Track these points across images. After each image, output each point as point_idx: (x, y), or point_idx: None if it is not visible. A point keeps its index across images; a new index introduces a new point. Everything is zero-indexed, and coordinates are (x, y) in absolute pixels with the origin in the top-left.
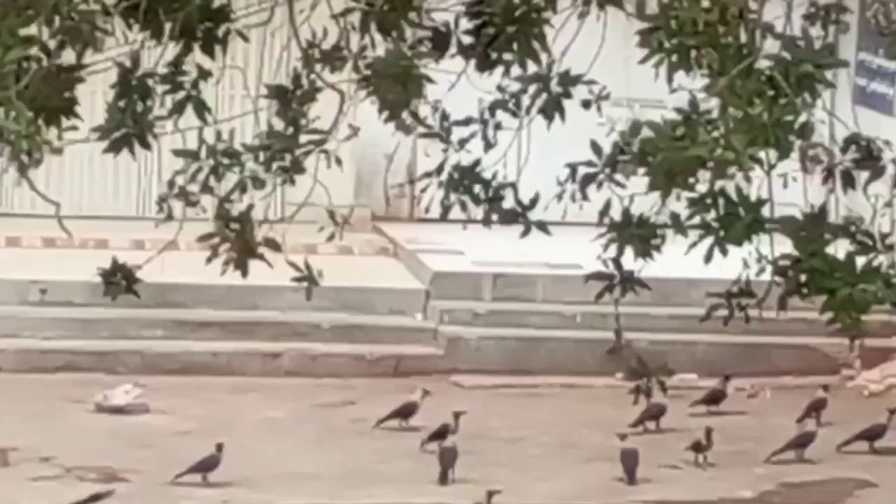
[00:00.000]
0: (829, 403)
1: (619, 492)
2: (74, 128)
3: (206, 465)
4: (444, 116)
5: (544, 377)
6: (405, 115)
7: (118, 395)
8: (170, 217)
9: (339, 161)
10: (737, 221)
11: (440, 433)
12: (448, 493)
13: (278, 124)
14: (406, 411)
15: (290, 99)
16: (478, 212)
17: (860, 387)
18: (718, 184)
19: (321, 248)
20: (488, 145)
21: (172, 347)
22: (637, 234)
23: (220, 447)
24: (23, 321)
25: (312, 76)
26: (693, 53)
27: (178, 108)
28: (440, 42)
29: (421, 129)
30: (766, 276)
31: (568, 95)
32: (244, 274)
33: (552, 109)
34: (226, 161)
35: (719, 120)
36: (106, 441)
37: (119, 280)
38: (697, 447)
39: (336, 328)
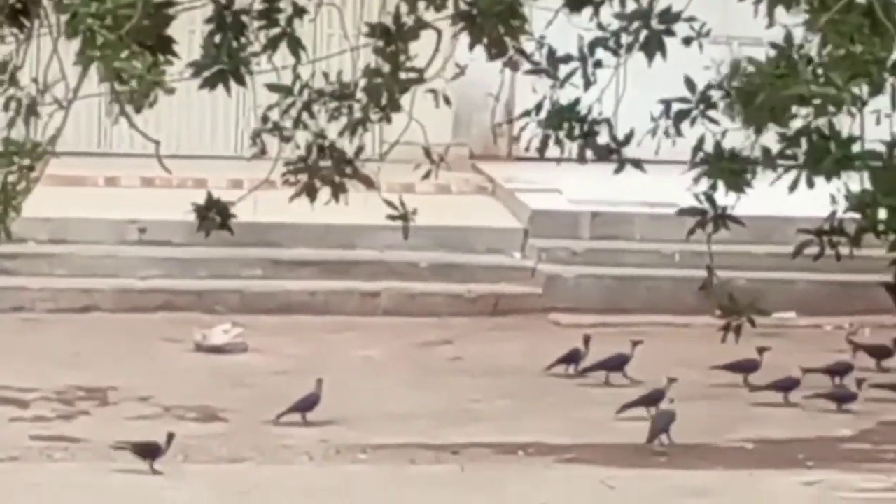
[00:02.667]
0: None
1: (716, 431)
2: (169, 63)
3: (307, 404)
4: (551, 52)
5: (642, 316)
6: (511, 51)
7: (217, 335)
8: (263, 152)
9: (447, 100)
10: (827, 156)
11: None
12: (543, 431)
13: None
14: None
15: (392, 37)
16: (573, 148)
17: None
18: (811, 120)
19: (419, 186)
20: (588, 83)
21: (270, 287)
22: (728, 167)
23: (319, 383)
24: (121, 261)
25: (414, 14)
26: None
27: (272, 44)
28: None
29: (526, 66)
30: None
31: (670, 33)
32: (336, 200)
33: (654, 46)
34: (315, 97)
35: (817, 56)
36: (204, 380)
37: (213, 216)
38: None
39: (434, 267)
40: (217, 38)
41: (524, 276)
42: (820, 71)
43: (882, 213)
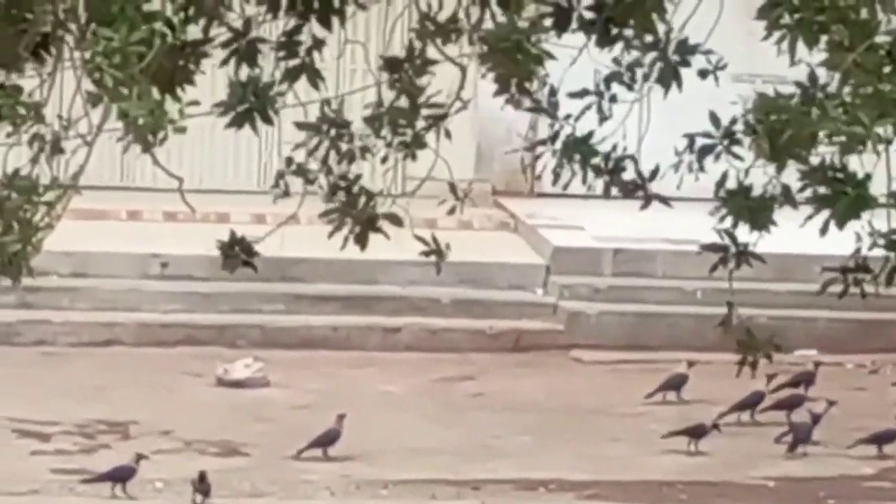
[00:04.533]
0: None
1: (738, 466)
2: (196, 103)
3: (328, 439)
4: (552, 91)
5: (664, 353)
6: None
7: (238, 369)
8: (286, 194)
9: (448, 134)
10: (842, 197)
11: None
12: (564, 468)
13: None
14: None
15: (405, 71)
16: (597, 184)
17: None
18: (829, 157)
19: (441, 222)
20: (603, 118)
21: (292, 322)
22: (747, 205)
23: (341, 418)
24: (143, 295)
25: (425, 48)
26: (815, 28)
27: (291, 75)
28: (561, 17)
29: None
30: (882, 251)
31: (686, 64)
32: (363, 248)
33: (669, 78)
34: (343, 132)
35: (840, 94)
36: (226, 415)
37: (237, 253)
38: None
39: (456, 303)
40: (238, 73)
41: (546, 313)
42: (844, 109)
43: None
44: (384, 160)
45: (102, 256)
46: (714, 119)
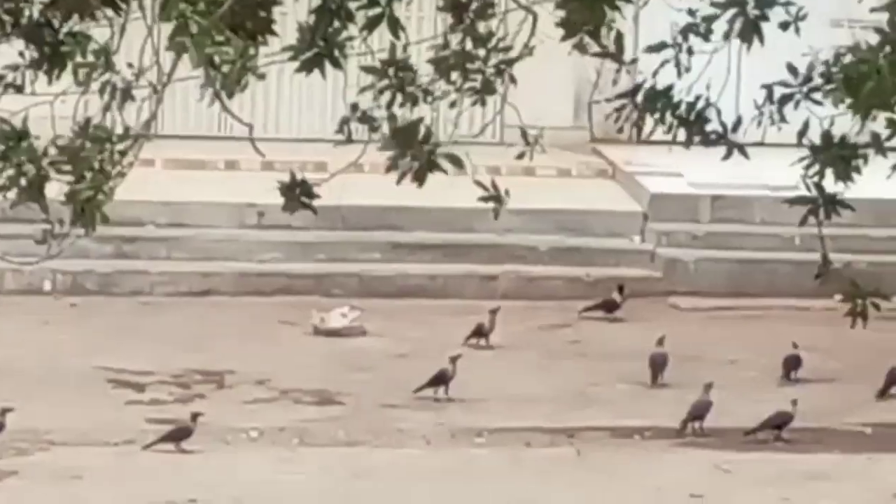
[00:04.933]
0: None
1: (835, 414)
2: (265, 44)
3: (442, 379)
4: (618, 36)
5: (762, 299)
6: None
7: (335, 318)
8: (349, 140)
9: (513, 79)
10: None
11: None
12: (660, 415)
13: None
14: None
15: (468, 14)
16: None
17: None
18: None
19: (539, 170)
20: (680, 70)
21: (389, 270)
22: (839, 155)
23: (454, 360)
24: (240, 244)
25: None
26: None
27: (371, 24)
28: None
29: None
30: None
31: (765, 18)
32: (420, 185)
33: (749, 32)
34: (408, 76)
35: None
36: (322, 364)
37: (297, 195)
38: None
39: (553, 250)
40: (312, 21)
41: (644, 260)
42: None
43: None
44: (452, 105)
45: (200, 206)
46: (791, 69)
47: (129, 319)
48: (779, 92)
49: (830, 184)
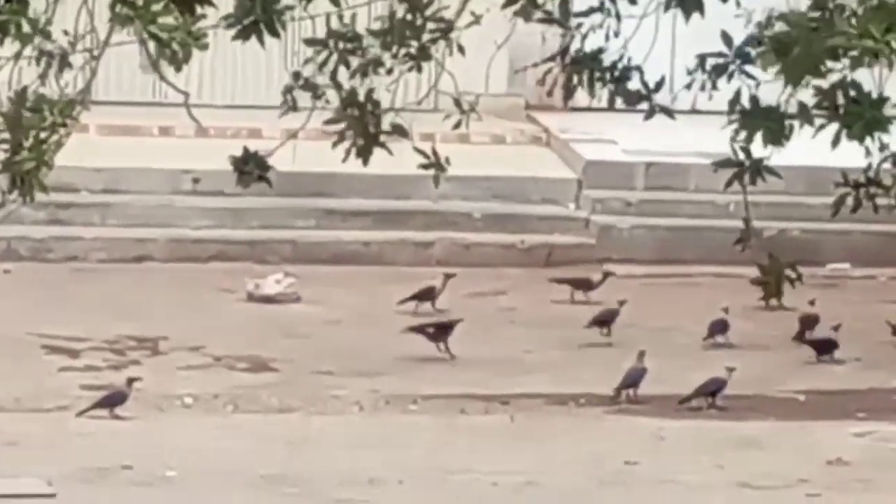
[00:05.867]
0: None
1: (768, 383)
2: (203, 16)
3: (427, 294)
4: (564, 2)
5: (696, 266)
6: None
7: (269, 285)
8: (293, 108)
9: (461, 49)
10: (858, 120)
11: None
12: (595, 382)
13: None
14: (427, 295)
15: None
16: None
17: None
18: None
19: (474, 137)
20: (608, 36)
21: (324, 237)
22: (765, 124)
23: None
24: (175, 210)
25: None
26: None
27: None
28: None
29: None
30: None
31: None
32: (365, 163)
33: (692, 4)
34: (350, 47)
35: (852, 8)
36: (256, 330)
37: (251, 168)
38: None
39: (488, 217)
40: None
41: (578, 227)
42: (854, 22)
43: None
44: (389, 72)
45: (134, 172)
46: (726, 38)
47: (63, 286)
48: (713, 62)
49: (761, 150)
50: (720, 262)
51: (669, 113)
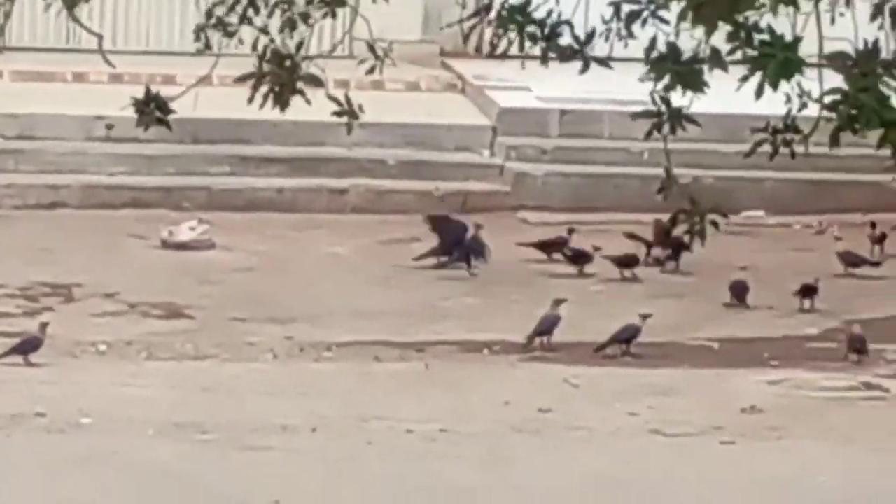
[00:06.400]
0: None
1: (682, 330)
2: None
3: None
4: None
5: (610, 214)
6: None
7: (183, 231)
8: (207, 47)
9: None
10: (771, 61)
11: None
12: (509, 329)
13: None
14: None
15: None
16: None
17: None
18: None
19: (389, 84)
20: None
21: (238, 184)
22: (676, 69)
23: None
24: (89, 157)
25: None
26: None
27: None
28: None
29: None
30: (812, 110)
31: None
32: (282, 109)
33: None
34: None
35: None
36: (170, 277)
37: (151, 110)
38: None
39: (402, 164)
40: None
41: (493, 174)
42: None
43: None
44: (304, 18)
45: (47, 118)
46: None
47: None
48: (627, 9)
49: (679, 98)
50: (635, 210)
51: (606, 63)
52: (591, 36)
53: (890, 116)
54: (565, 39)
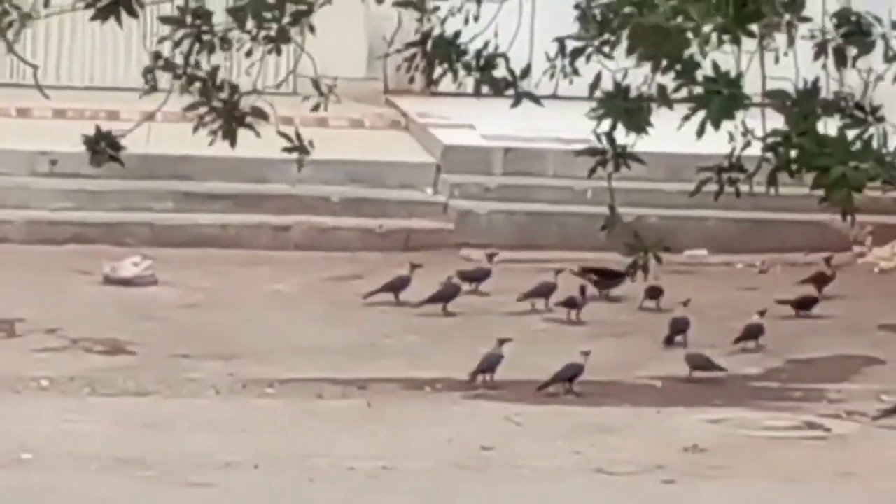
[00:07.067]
0: (839, 279)
1: (625, 367)
2: None
3: (400, 284)
4: None
5: (554, 252)
6: None
7: (126, 267)
8: (154, 89)
9: (311, 28)
10: (715, 98)
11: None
12: (451, 367)
13: None
14: (398, 285)
15: None
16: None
17: (871, 264)
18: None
19: (333, 121)
20: (468, 19)
21: (181, 220)
22: (623, 106)
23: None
24: (32, 192)
25: None
26: None
27: None
28: None
29: None
30: (756, 149)
31: None
32: (232, 144)
33: None
34: (205, 25)
35: None
36: (113, 313)
37: (103, 148)
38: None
39: (346, 201)
40: None
41: (436, 212)
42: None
43: (792, 153)
44: (248, 54)
45: None
46: (583, 17)
47: None
48: (571, 45)
49: (622, 136)
50: (578, 248)
51: (536, 100)
52: (526, 70)
53: (823, 162)
54: (500, 71)
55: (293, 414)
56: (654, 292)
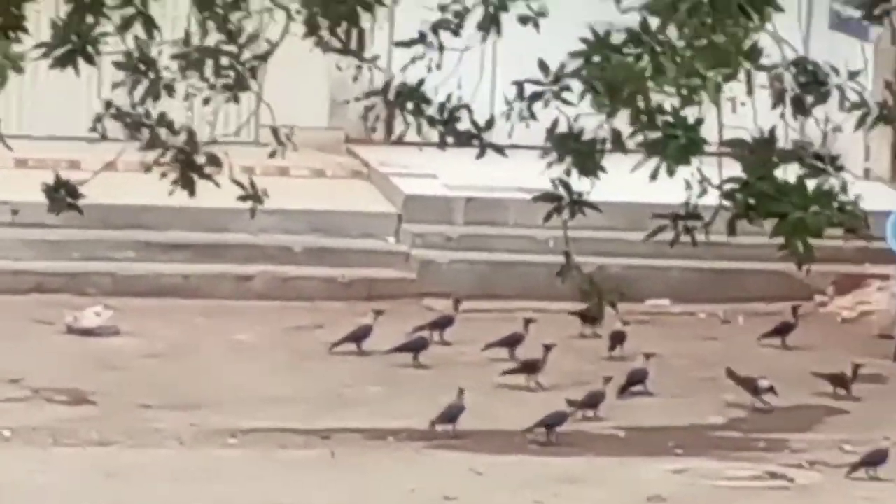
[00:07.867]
0: (802, 329)
1: (588, 418)
2: (18, 40)
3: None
4: (360, 33)
5: (515, 301)
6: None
7: (88, 317)
8: (104, 137)
9: (253, 73)
10: (673, 142)
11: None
12: (413, 417)
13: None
14: (361, 334)
15: (217, 9)
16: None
17: (833, 313)
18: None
19: (294, 170)
20: (431, 67)
21: (143, 269)
22: (576, 149)
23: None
24: None
25: None
26: None
27: (126, 24)
28: None
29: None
30: (714, 199)
31: (504, 9)
32: (191, 193)
33: (488, 23)
34: (155, 71)
35: (671, 45)
36: (75, 363)
37: (62, 196)
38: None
39: (308, 251)
40: (66, 18)
41: (398, 261)
42: (679, 60)
43: (751, 200)
44: (206, 102)
45: None
46: (543, 66)
47: None
48: (530, 89)
49: (581, 184)
50: (539, 297)
51: (500, 151)
52: (490, 122)
53: (782, 208)
54: (465, 124)
55: (256, 464)
56: (618, 337)
